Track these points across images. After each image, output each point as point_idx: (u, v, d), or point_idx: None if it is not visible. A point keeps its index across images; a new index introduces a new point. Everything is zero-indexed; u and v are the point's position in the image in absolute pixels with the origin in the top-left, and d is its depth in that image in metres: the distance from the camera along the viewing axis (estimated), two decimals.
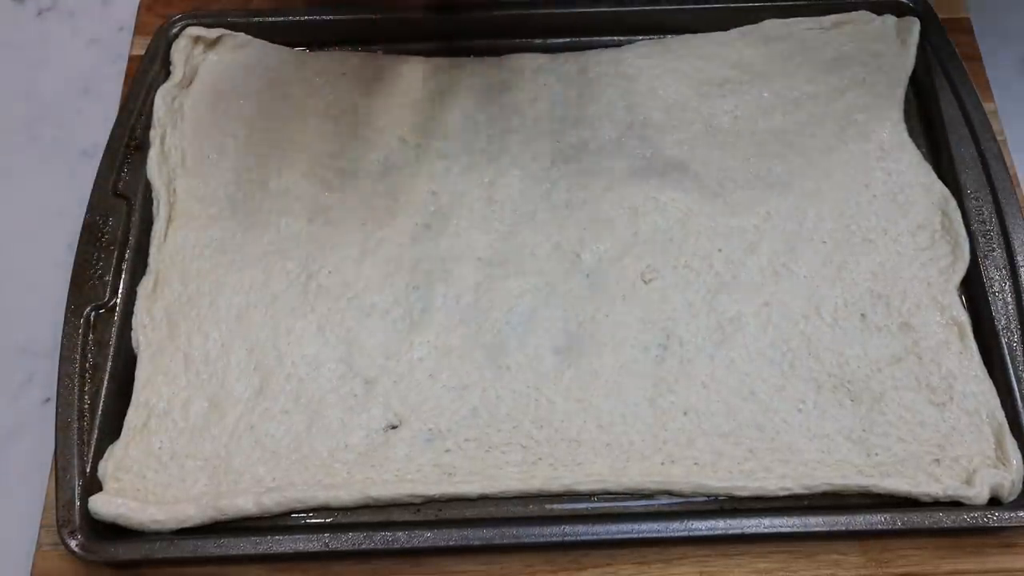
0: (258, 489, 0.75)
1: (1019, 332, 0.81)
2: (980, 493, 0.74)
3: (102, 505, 0.73)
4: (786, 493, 0.75)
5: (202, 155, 0.89)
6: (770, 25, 0.97)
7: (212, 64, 0.95)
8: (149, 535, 0.74)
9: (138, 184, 0.87)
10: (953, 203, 0.87)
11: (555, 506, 0.76)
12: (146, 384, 0.79)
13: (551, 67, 0.95)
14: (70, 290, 0.81)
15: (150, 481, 0.76)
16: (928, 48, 0.94)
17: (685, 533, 0.73)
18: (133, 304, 0.82)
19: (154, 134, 0.89)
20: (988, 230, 0.85)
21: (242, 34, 0.96)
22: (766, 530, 0.73)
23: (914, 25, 0.95)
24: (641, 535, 0.73)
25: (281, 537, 0.73)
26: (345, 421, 0.78)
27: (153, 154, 0.88)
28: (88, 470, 0.75)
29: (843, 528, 0.74)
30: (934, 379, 0.79)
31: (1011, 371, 0.79)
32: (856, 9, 0.97)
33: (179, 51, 0.93)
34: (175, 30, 0.94)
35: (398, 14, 0.97)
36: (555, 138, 0.91)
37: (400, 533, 0.73)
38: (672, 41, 0.97)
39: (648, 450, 0.77)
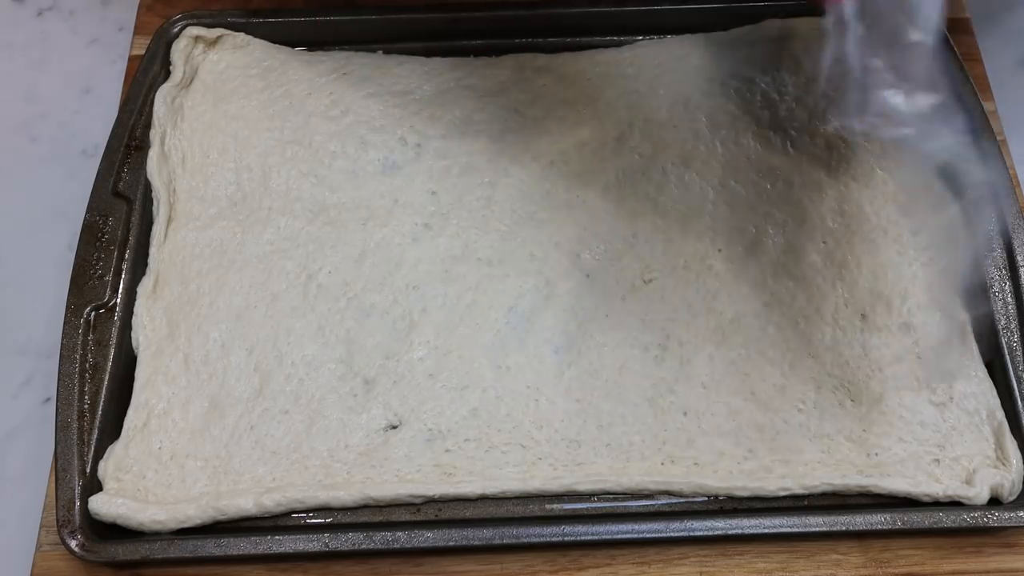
0: (258, 489, 0.75)
1: (1019, 332, 0.81)
2: (980, 493, 0.74)
3: (102, 505, 0.73)
4: (786, 493, 0.75)
5: (202, 155, 0.89)
6: (770, 25, 0.97)
7: (212, 64, 0.94)
8: (149, 535, 0.74)
9: (138, 184, 0.87)
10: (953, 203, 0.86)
11: (555, 506, 0.76)
12: (146, 384, 0.79)
13: (551, 67, 0.95)
14: (70, 290, 0.81)
15: (150, 481, 0.76)
16: None
17: (685, 533, 0.73)
18: (133, 304, 0.82)
19: (154, 134, 0.89)
20: (988, 230, 0.85)
21: (242, 34, 0.96)
22: (766, 530, 0.73)
23: None
24: (641, 535, 0.73)
25: (281, 537, 0.73)
26: (345, 421, 0.78)
27: (153, 154, 0.88)
28: (88, 470, 0.75)
29: (843, 528, 0.74)
30: (934, 379, 0.79)
31: (1011, 371, 0.79)
32: None
33: (179, 51, 0.93)
34: (175, 30, 0.94)
35: (398, 14, 0.97)
36: (555, 138, 0.91)
37: (400, 533, 0.73)
38: (672, 41, 0.97)
39: (648, 450, 0.77)
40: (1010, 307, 0.82)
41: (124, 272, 0.83)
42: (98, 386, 0.78)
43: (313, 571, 0.75)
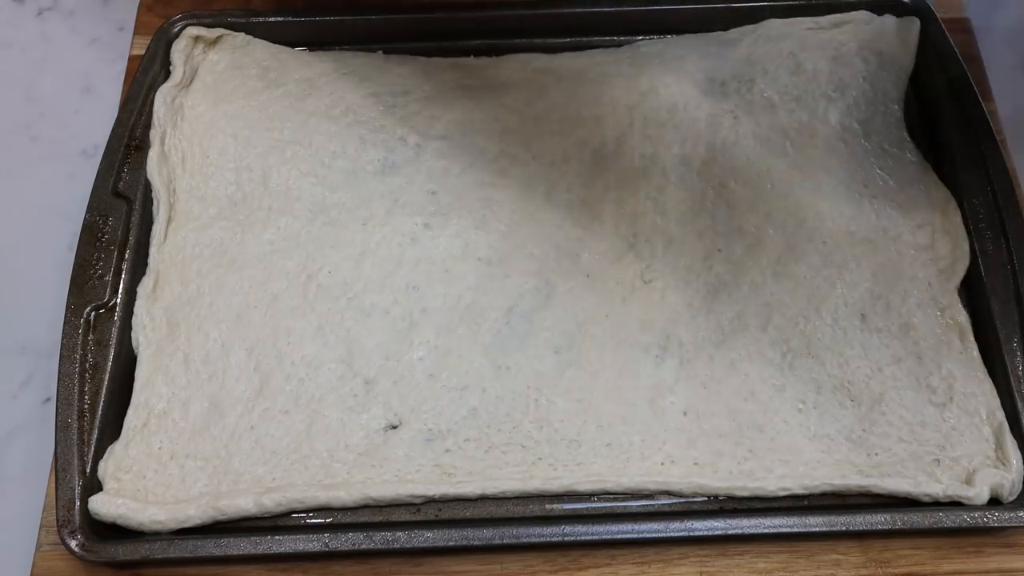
0: (258, 489, 0.75)
1: (1019, 332, 0.81)
2: (980, 493, 0.74)
3: (102, 505, 0.73)
4: (786, 493, 0.75)
5: (202, 155, 0.89)
6: (770, 25, 0.97)
7: (212, 64, 0.95)
8: (149, 535, 0.74)
9: (138, 184, 0.87)
10: (953, 203, 0.87)
11: (555, 506, 0.76)
12: (146, 384, 0.79)
13: (551, 67, 0.95)
14: (70, 290, 0.81)
15: (150, 481, 0.76)
16: (928, 48, 0.94)
17: (685, 533, 0.73)
18: (133, 304, 0.82)
19: (154, 134, 0.89)
20: (988, 230, 0.85)
21: (242, 34, 0.96)
22: (766, 530, 0.73)
23: (914, 25, 0.95)
24: (641, 535, 0.73)
25: (281, 537, 0.73)
26: (345, 421, 0.78)
27: (153, 154, 0.88)
28: (88, 470, 0.75)
29: (843, 528, 0.74)
30: (934, 379, 0.79)
31: (1011, 371, 0.79)
32: (856, 9, 0.97)
33: (179, 51, 0.93)
34: (175, 30, 0.94)
35: (398, 14, 0.97)
36: (555, 138, 0.91)
37: (400, 533, 0.73)
38: (673, 41, 0.97)
39: (648, 450, 0.77)
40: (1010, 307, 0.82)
41: (124, 272, 0.83)
42: (98, 386, 0.78)
43: (313, 571, 0.75)
